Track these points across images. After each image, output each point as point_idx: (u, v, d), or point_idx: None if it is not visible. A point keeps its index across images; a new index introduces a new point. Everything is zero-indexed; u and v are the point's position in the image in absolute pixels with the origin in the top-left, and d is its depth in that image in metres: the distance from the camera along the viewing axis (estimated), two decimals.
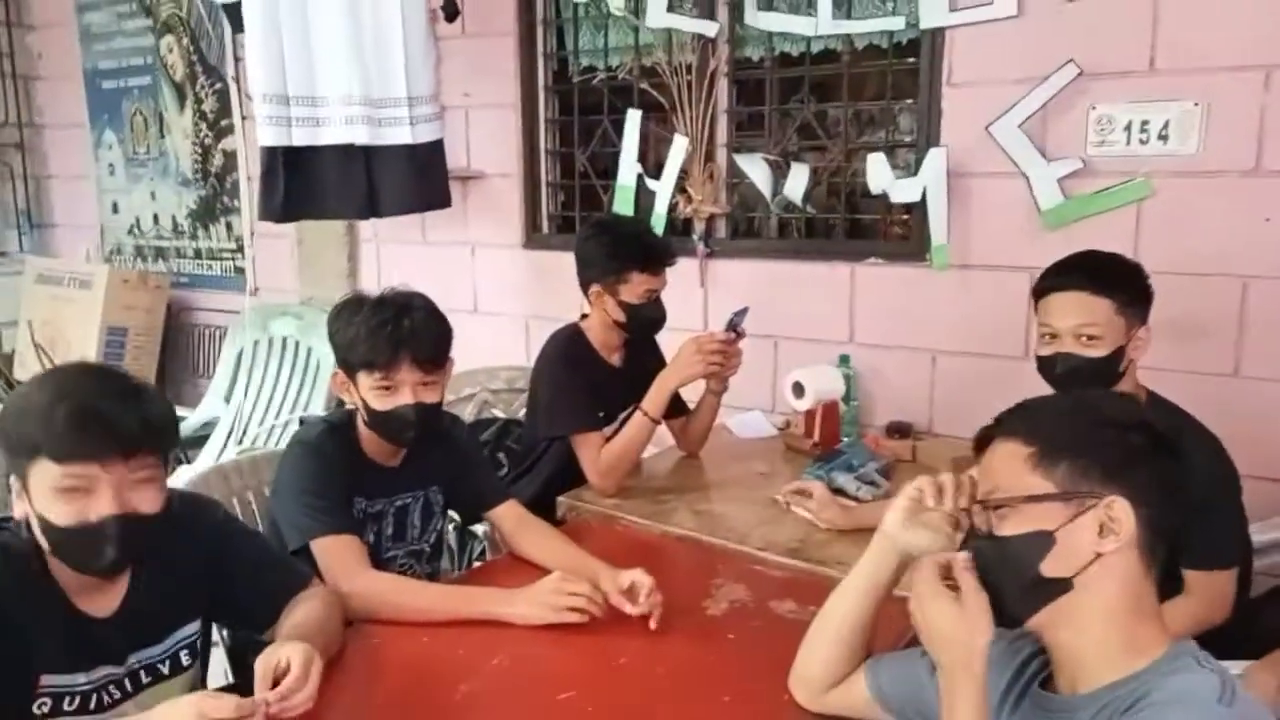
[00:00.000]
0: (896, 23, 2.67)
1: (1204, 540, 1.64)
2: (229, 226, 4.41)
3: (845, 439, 2.60)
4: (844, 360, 2.80)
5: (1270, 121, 2.22)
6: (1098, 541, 1.01)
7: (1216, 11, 2.25)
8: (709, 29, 2.92)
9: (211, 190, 4.43)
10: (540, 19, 3.37)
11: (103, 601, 1.37)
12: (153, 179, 4.64)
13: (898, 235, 3.15)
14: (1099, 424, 1.06)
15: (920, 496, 1.20)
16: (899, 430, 2.66)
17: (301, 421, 3.35)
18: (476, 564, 2.54)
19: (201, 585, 1.49)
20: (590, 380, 2.35)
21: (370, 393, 1.76)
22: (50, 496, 1.25)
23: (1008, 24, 2.47)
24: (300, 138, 2.89)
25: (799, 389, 2.54)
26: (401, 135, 2.97)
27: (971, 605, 1.04)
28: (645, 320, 2.37)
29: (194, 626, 1.51)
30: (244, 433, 3.95)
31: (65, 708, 1.33)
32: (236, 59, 4.10)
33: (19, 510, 1.29)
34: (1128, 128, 2.37)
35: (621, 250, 2.31)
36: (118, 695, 1.39)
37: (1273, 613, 1.90)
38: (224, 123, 4.28)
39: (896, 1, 2.72)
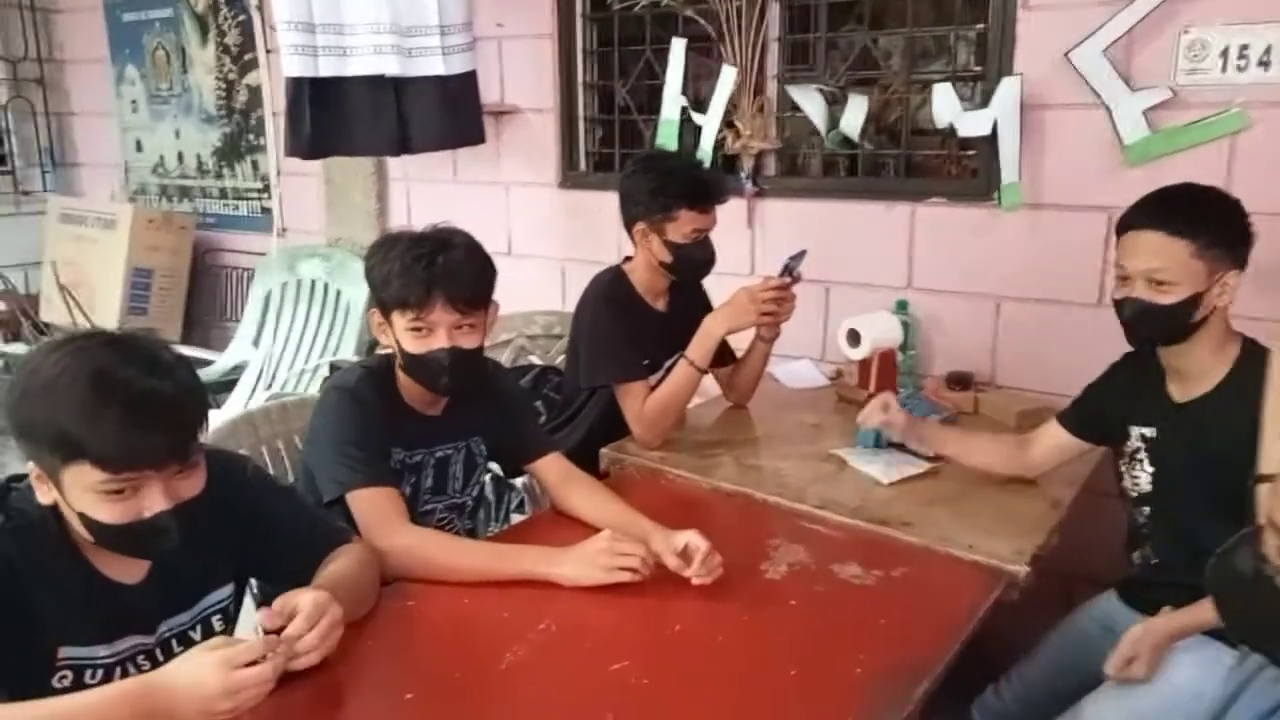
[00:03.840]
0: None
1: None
2: (255, 165, 4.29)
3: (903, 390, 2.46)
4: (901, 306, 2.65)
5: None
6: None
7: None
8: None
9: (236, 127, 4.30)
10: None
11: (131, 567, 1.29)
12: (176, 116, 4.51)
13: (950, 174, 2.97)
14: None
15: None
16: (960, 381, 2.52)
17: (332, 366, 3.29)
18: (514, 516, 2.45)
19: (233, 546, 1.41)
20: (634, 326, 2.22)
21: (405, 334, 1.65)
22: (94, 498, 1.16)
23: None
24: (327, 68, 2.75)
25: (854, 337, 2.40)
26: (433, 66, 2.82)
27: None
28: (693, 262, 2.23)
29: (226, 590, 1.43)
30: (273, 377, 3.87)
31: (87, 680, 1.25)
32: None
33: (43, 495, 1.20)
34: (1224, 53, 2.16)
35: (669, 186, 2.16)
36: (147, 666, 1.30)
37: None
38: (248, 56, 4.13)
39: None
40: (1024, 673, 1.93)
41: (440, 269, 1.61)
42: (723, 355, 2.43)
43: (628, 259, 2.34)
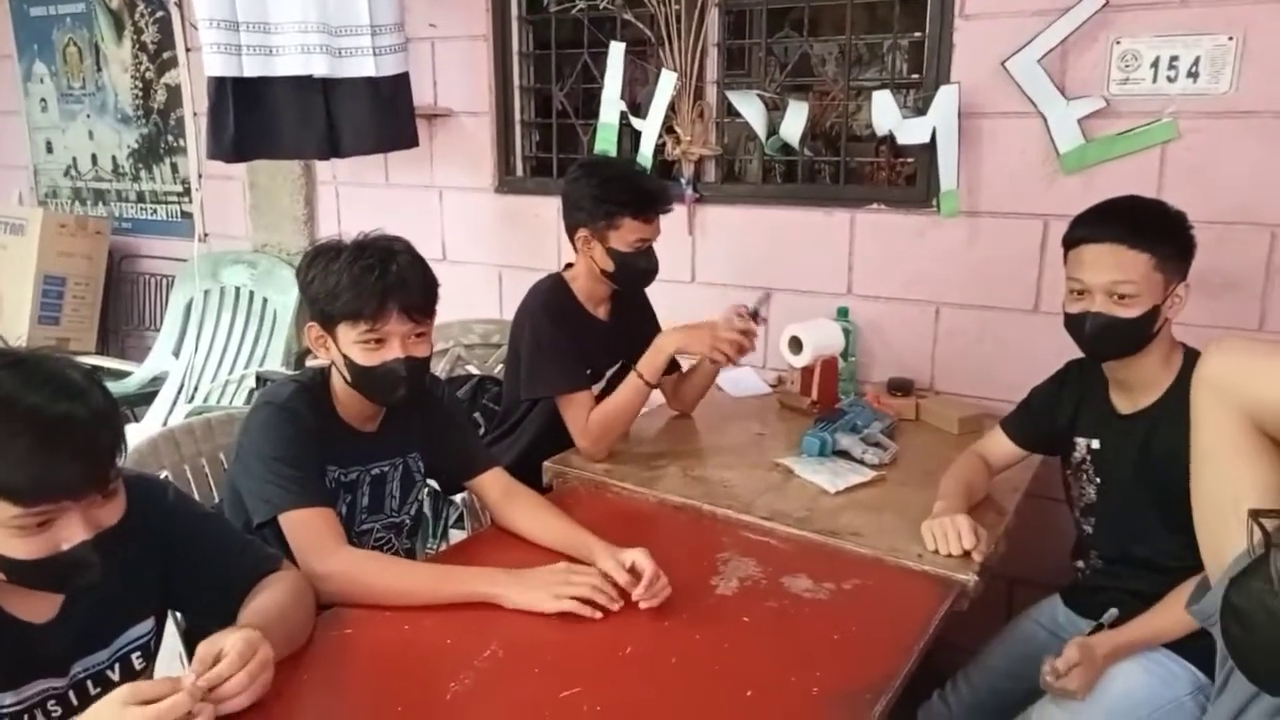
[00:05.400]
0: None
1: None
2: (174, 167, 4.11)
3: (845, 397, 2.46)
4: (842, 313, 2.64)
5: None
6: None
7: None
8: None
9: (155, 128, 4.11)
10: None
11: (40, 605, 1.20)
12: (90, 116, 4.30)
13: (886, 180, 2.98)
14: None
15: None
16: (900, 388, 2.52)
17: (259, 378, 3.16)
18: (453, 532, 2.38)
19: (154, 577, 1.32)
20: (575, 335, 2.17)
21: (355, 347, 1.58)
22: (6, 533, 1.07)
23: None
24: (251, 68, 2.63)
25: (796, 344, 2.38)
26: (364, 67, 2.73)
27: None
28: (635, 271, 2.19)
29: (147, 625, 1.34)
30: (195, 389, 3.71)
31: None
32: None
33: None
34: (1154, 64, 2.20)
35: (612, 193, 2.11)
36: (59, 712, 1.21)
37: None
38: (166, 55, 3.96)
39: None
40: (970, 678, 1.93)
41: (394, 278, 1.55)
42: (669, 364, 2.39)
43: (568, 266, 2.28)
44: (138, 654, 1.32)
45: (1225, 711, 1.01)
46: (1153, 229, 1.62)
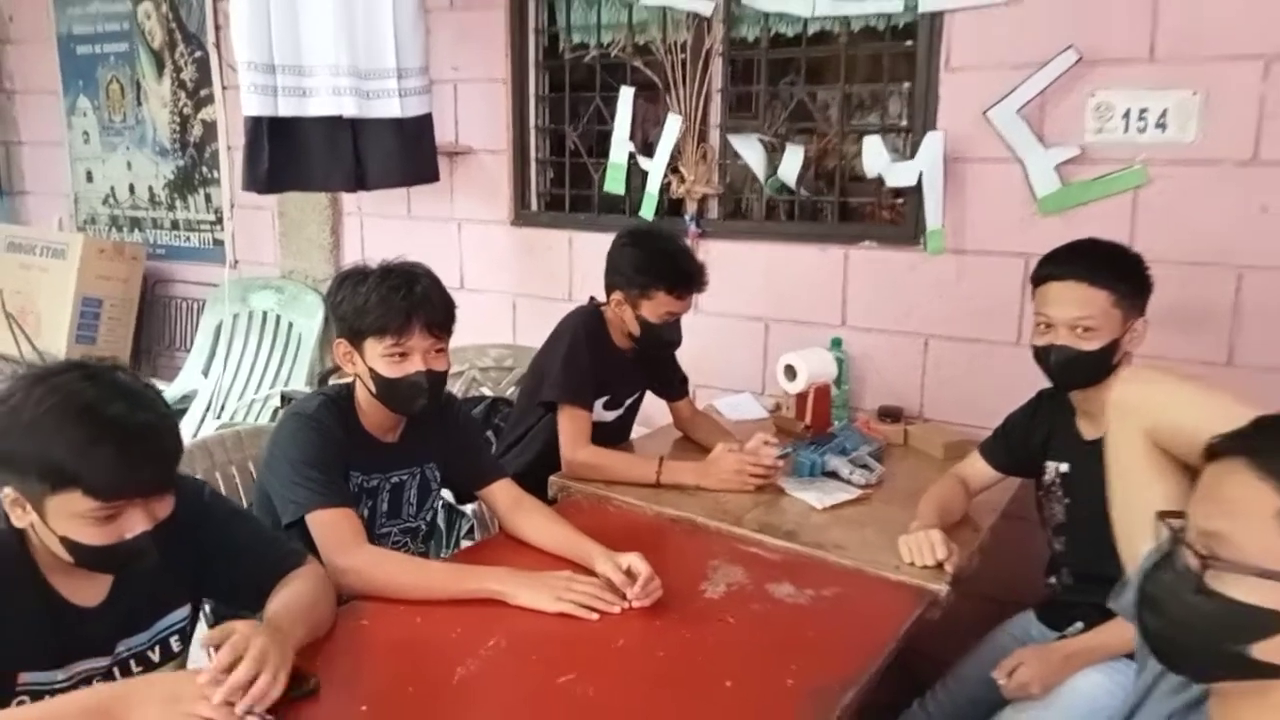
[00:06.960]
0: (895, 5, 2.63)
1: None
2: (208, 198, 4.32)
3: (837, 423, 2.59)
4: (836, 343, 2.79)
5: (1269, 111, 2.21)
6: None
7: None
8: (704, 7, 2.87)
9: (190, 161, 4.33)
10: None
11: (91, 590, 1.34)
12: (129, 148, 4.52)
13: (885, 219, 3.13)
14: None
15: None
16: (890, 415, 2.65)
17: (283, 397, 3.33)
18: (464, 542, 2.52)
19: (188, 569, 1.46)
20: (601, 362, 2.32)
21: (380, 360, 1.73)
22: (81, 522, 1.23)
23: (1007, 8, 2.45)
24: (286, 108, 2.83)
25: (791, 372, 2.53)
26: (390, 108, 2.91)
27: None
28: (659, 341, 2.33)
29: (184, 611, 1.47)
30: (222, 407, 3.88)
31: None
32: (217, 27, 4.00)
33: (17, 520, 1.25)
34: (1126, 115, 2.36)
35: (652, 266, 2.25)
36: None
37: None
38: (204, 92, 4.18)
39: None
40: (948, 686, 2.04)
41: (418, 296, 1.72)
42: (671, 386, 2.54)
43: (601, 304, 2.40)
44: (175, 637, 1.46)
45: (1140, 688, 1.13)
46: (1111, 269, 1.76)
